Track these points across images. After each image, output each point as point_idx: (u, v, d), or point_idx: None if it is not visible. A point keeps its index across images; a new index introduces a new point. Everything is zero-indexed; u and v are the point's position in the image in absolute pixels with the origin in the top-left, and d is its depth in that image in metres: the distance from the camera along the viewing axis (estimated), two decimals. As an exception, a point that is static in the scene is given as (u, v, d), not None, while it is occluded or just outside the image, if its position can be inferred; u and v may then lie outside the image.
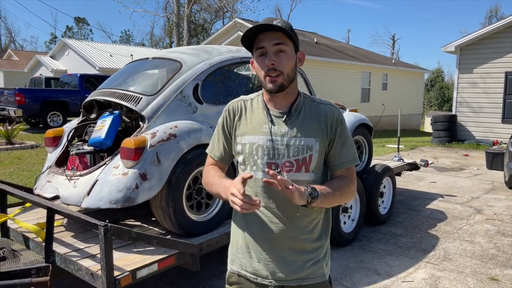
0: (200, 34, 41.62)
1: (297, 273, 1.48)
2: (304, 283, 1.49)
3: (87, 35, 55.30)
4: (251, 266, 1.51)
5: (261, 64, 1.43)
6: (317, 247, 1.52)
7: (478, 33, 12.71)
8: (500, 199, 6.37)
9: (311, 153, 1.44)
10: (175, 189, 2.90)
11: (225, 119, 1.56)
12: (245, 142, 1.49)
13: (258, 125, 1.48)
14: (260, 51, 1.43)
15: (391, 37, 50.56)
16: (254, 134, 1.48)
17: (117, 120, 3.19)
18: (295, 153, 1.43)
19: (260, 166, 1.45)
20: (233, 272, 1.57)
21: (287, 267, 1.48)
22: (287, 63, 1.42)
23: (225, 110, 1.57)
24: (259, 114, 1.50)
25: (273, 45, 1.40)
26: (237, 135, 1.53)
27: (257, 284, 1.51)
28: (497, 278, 3.59)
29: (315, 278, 1.51)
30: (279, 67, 1.40)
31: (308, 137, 1.44)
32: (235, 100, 1.58)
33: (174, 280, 3.45)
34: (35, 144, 10.48)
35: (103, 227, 2.19)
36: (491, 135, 12.66)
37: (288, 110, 1.47)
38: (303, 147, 1.44)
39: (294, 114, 1.47)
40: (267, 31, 1.41)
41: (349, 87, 16.95)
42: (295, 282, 1.49)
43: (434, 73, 40.78)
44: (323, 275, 1.53)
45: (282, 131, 1.45)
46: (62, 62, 26.52)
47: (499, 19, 14.75)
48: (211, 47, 3.88)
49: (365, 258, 3.99)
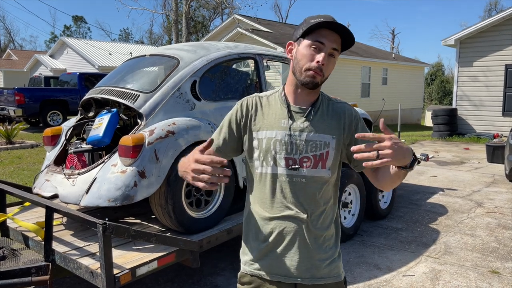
0: (200, 31, 41.53)
1: (312, 271, 1.46)
2: (319, 283, 1.47)
3: (85, 33, 55.26)
4: (266, 264, 1.49)
5: (310, 56, 1.40)
6: (332, 245, 1.50)
7: (477, 26, 12.65)
8: (501, 192, 6.36)
9: (328, 149, 1.44)
10: (174, 186, 2.90)
11: (236, 112, 1.52)
12: (261, 137, 1.47)
13: (276, 120, 1.46)
14: (317, 44, 1.39)
15: (391, 32, 50.38)
16: (272, 129, 1.46)
17: (115, 118, 3.18)
18: (312, 148, 1.43)
19: (279, 161, 1.44)
20: (246, 273, 1.54)
21: (302, 265, 1.45)
22: (331, 68, 1.44)
23: (238, 104, 1.54)
24: (277, 109, 1.48)
25: (332, 48, 1.39)
26: (252, 130, 1.49)
27: (270, 282, 1.48)
28: (498, 271, 3.58)
29: (330, 278, 1.49)
30: (325, 69, 1.41)
31: (326, 133, 1.45)
32: (249, 96, 1.55)
33: (175, 277, 3.45)
34: (35, 144, 10.48)
35: (102, 225, 2.19)
36: (492, 129, 12.62)
37: (308, 106, 1.47)
38: (321, 143, 1.44)
39: (314, 111, 1.47)
40: (332, 31, 1.39)
41: (349, 82, 16.90)
42: (310, 280, 1.46)
43: (434, 67, 40.68)
44: (338, 275, 1.51)
45: (301, 127, 1.44)
46: (61, 61, 26.50)
47: (499, 12, 14.69)
48: (209, 43, 3.86)
49: (365, 252, 3.99)
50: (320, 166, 1.44)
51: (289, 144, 1.43)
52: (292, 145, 1.43)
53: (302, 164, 1.43)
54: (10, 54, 36.41)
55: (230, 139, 1.54)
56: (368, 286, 3.32)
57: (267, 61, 4.17)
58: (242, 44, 4.13)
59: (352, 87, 17.14)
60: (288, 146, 1.43)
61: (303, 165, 1.43)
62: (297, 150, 1.43)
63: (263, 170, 1.47)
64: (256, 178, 1.49)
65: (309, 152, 1.43)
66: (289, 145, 1.43)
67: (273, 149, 1.44)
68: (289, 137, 1.43)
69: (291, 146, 1.43)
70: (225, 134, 1.54)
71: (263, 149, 1.46)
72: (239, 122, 1.52)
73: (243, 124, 1.51)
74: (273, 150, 1.44)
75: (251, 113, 1.50)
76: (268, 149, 1.45)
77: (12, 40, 56.96)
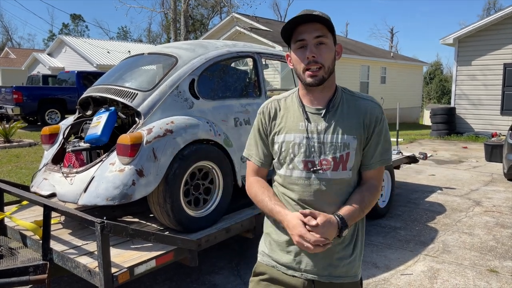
0: (198, 30, 41.46)
1: (330, 269, 1.46)
2: (337, 281, 1.46)
3: (83, 32, 55.13)
4: (284, 258, 1.49)
5: (300, 56, 1.39)
6: (353, 245, 1.49)
7: (476, 25, 12.66)
8: (499, 191, 6.37)
9: (348, 150, 1.40)
10: (172, 185, 2.89)
11: (260, 122, 1.54)
12: (281, 140, 1.47)
13: (294, 123, 1.46)
14: (299, 43, 1.39)
15: (389, 30, 50.45)
16: (290, 132, 1.45)
17: (112, 116, 3.17)
18: (332, 150, 1.40)
19: (297, 164, 1.43)
20: (262, 262, 1.55)
21: (321, 262, 1.45)
22: (328, 55, 1.38)
23: (259, 113, 1.55)
24: (294, 111, 1.47)
25: (314, 38, 1.36)
26: (273, 134, 1.50)
27: (287, 276, 1.49)
28: (496, 270, 3.59)
29: (347, 277, 1.48)
30: (320, 59, 1.37)
31: (346, 134, 1.40)
32: (268, 101, 1.55)
33: (173, 276, 3.45)
34: (33, 142, 10.46)
35: (100, 224, 2.18)
36: (490, 127, 12.65)
37: (325, 106, 1.44)
38: (340, 145, 1.40)
39: (332, 110, 1.43)
40: (308, 23, 1.37)
41: (348, 81, 16.90)
42: (327, 278, 1.46)
43: (433, 66, 40.73)
44: (355, 275, 1.50)
45: (318, 129, 1.42)
46: (60, 60, 26.42)
47: (497, 10, 14.72)
48: (207, 42, 3.85)
49: (364, 251, 3.98)
50: (341, 168, 1.41)
51: (307, 146, 1.42)
52: (310, 147, 1.42)
53: (322, 167, 1.41)
54: (8, 52, 36.31)
55: (267, 150, 1.55)
56: (366, 284, 3.32)
57: (266, 59, 4.17)
58: (241, 42, 4.12)
59: (351, 86, 17.02)
60: (307, 149, 1.42)
61: (322, 167, 1.41)
62: (316, 152, 1.41)
63: (283, 172, 1.48)
64: (279, 180, 1.51)
65: (328, 154, 1.40)
66: (307, 148, 1.42)
67: (292, 152, 1.44)
68: (307, 139, 1.42)
69: (309, 149, 1.42)
70: (262, 147, 1.55)
71: (283, 152, 1.46)
72: (265, 131, 1.53)
73: (268, 131, 1.52)
74: (292, 153, 1.44)
75: (271, 119, 1.51)
76: (287, 153, 1.45)
77: (10, 38, 56.83)
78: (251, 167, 1.59)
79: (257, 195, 1.51)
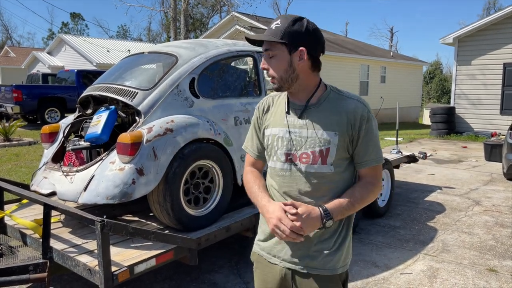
0: (198, 29, 41.43)
1: (307, 260, 1.50)
2: (312, 272, 1.50)
3: (83, 30, 55.07)
4: (268, 246, 1.58)
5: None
6: (334, 240, 1.51)
7: (476, 24, 12.66)
8: (499, 191, 6.38)
9: (329, 146, 1.45)
10: (172, 184, 2.89)
11: (256, 116, 1.65)
12: (268, 134, 1.57)
13: (280, 117, 1.54)
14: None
15: (389, 30, 50.44)
16: (276, 126, 1.54)
17: (113, 115, 3.17)
18: (311, 145, 1.46)
19: (280, 156, 1.52)
20: (254, 251, 1.67)
21: (299, 253, 1.51)
22: (277, 67, 1.46)
23: (256, 108, 1.67)
24: (281, 107, 1.57)
25: (264, 51, 1.48)
26: (264, 128, 1.61)
27: (270, 264, 1.57)
28: (495, 269, 3.59)
29: (324, 270, 1.50)
30: (270, 72, 1.47)
31: (327, 130, 1.45)
32: (265, 97, 1.66)
33: (173, 275, 3.45)
34: (32, 141, 10.46)
35: (100, 223, 2.18)
36: (490, 127, 12.65)
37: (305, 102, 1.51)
38: (320, 140, 1.45)
39: (313, 107, 1.49)
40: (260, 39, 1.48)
41: (347, 80, 16.90)
42: (304, 268, 1.50)
43: (433, 66, 40.70)
44: (333, 268, 1.51)
45: (300, 123, 1.49)
46: (59, 58, 26.40)
47: (497, 10, 14.74)
48: (207, 41, 3.85)
49: (363, 250, 3.99)
50: (320, 162, 1.46)
51: (289, 140, 1.50)
52: (291, 141, 1.49)
53: (302, 160, 1.47)
54: (8, 51, 36.27)
55: (261, 143, 1.65)
56: (366, 283, 3.32)
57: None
58: (241, 41, 4.12)
59: (351, 85, 17.13)
60: (288, 142, 1.50)
61: (302, 160, 1.47)
62: (296, 146, 1.48)
63: (270, 164, 1.58)
64: (268, 172, 1.61)
65: (308, 148, 1.47)
66: (289, 142, 1.50)
67: (276, 145, 1.53)
68: (289, 133, 1.50)
69: (290, 143, 1.49)
70: (256, 140, 1.66)
71: (269, 145, 1.56)
72: (259, 125, 1.64)
73: (261, 125, 1.63)
74: (276, 146, 1.53)
75: (264, 113, 1.62)
76: (272, 145, 1.55)
77: (10, 37, 56.79)
78: (248, 160, 1.71)
79: (249, 182, 1.63)
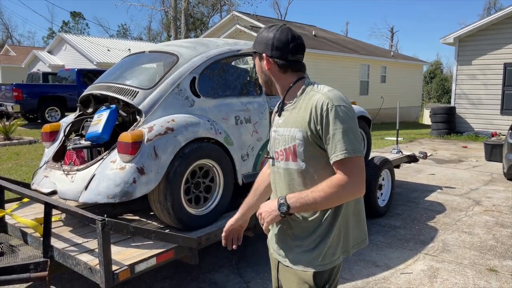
0: (198, 28, 41.41)
1: (286, 254, 1.59)
2: (289, 265, 1.58)
3: (83, 29, 55.02)
4: (269, 237, 1.71)
5: None
6: (314, 237, 1.52)
7: (476, 24, 12.65)
8: (499, 191, 6.38)
9: (295, 143, 1.51)
10: (173, 183, 2.89)
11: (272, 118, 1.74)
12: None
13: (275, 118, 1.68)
14: None
15: (389, 30, 50.32)
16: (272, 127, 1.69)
17: (113, 114, 3.17)
18: (283, 142, 1.55)
19: (270, 154, 1.67)
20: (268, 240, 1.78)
21: (281, 245, 1.61)
22: (258, 74, 1.65)
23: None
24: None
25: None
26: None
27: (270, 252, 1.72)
28: (495, 269, 3.60)
29: (297, 266, 1.55)
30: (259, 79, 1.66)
31: (293, 127, 1.52)
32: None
33: (173, 274, 3.46)
34: (33, 140, 10.46)
35: (101, 222, 2.19)
36: (490, 127, 12.65)
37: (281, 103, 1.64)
38: (288, 137, 1.53)
39: (290, 106, 1.57)
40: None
41: (348, 80, 16.90)
42: (285, 261, 1.60)
43: (433, 65, 40.67)
44: (306, 266, 1.51)
45: (279, 122, 1.60)
46: (60, 57, 26.40)
47: (498, 10, 14.73)
48: (208, 40, 3.85)
49: (364, 250, 3.99)
50: (291, 159, 1.53)
51: (273, 139, 1.63)
52: (274, 140, 1.62)
53: (279, 158, 1.58)
54: (8, 50, 36.25)
55: None
56: (366, 283, 3.32)
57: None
58: (242, 41, 4.12)
59: (351, 85, 17.13)
60: (272, 141, 1.64)
61: (279, 158, 1.58)
62: (275, 144, 1.61)
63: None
64: None
65: (281, 146, 1.56)
66: (272, 140, 1.64)
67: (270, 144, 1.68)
68: (274, 132, 1.63)
69: (273, 141, 1.63)
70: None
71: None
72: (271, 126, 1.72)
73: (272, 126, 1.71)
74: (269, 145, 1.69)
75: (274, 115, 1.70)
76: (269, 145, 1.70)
77: (10, 36, 56.77)
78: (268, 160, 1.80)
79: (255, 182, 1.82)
